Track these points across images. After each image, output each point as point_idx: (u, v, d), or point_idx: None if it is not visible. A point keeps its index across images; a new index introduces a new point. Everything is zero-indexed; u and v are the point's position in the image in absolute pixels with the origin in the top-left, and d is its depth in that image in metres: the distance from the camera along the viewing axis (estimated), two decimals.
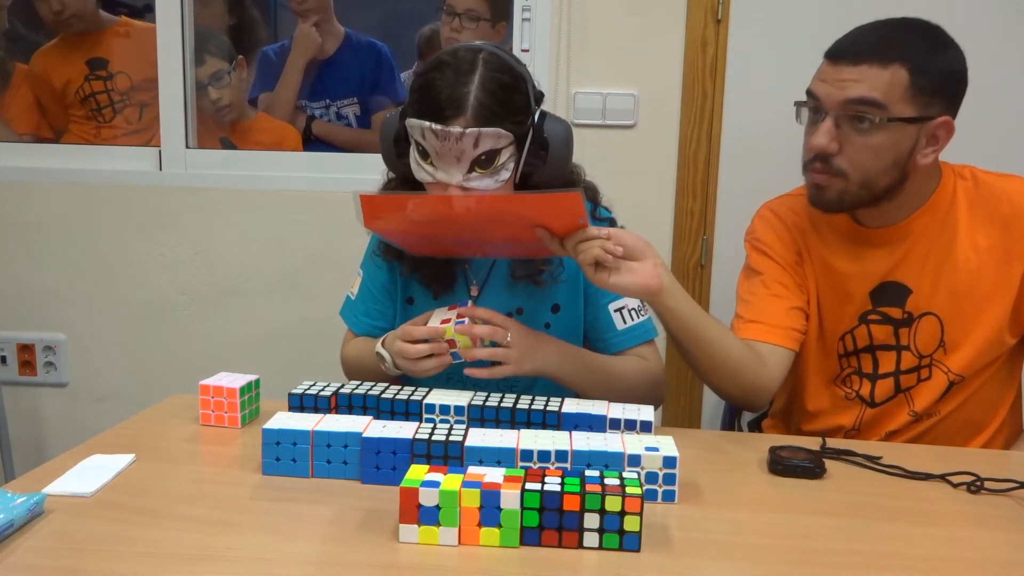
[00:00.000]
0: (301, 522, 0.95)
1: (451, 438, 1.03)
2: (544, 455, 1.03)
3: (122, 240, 2.36)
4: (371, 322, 1.47)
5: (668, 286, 1.21)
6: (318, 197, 2.29)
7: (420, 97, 1.24)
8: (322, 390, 1.21)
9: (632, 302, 1.38)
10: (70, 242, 2.38)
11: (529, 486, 0.90)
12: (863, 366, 1.40)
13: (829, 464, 1.14)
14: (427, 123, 1.22)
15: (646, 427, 1.14)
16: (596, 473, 0.94)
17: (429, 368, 1.23)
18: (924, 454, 1.21)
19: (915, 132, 1.25)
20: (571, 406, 1.17)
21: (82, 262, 2.38)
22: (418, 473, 0.92)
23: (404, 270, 1.41)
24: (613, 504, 0.89)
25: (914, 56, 1.23)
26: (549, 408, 1.16)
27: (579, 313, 1.40)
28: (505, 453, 1.02)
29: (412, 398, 1.19)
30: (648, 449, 1.02)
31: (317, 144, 2.54)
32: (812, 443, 1.19)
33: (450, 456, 1.02)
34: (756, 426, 1.65)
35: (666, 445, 1.04)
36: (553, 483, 0.90)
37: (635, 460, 1.01)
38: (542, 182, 1.28)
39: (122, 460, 1.09)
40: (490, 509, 0.89)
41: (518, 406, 1.17)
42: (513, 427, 1.16)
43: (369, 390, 1.21)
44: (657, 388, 1.38)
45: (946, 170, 1.34)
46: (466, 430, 1.07)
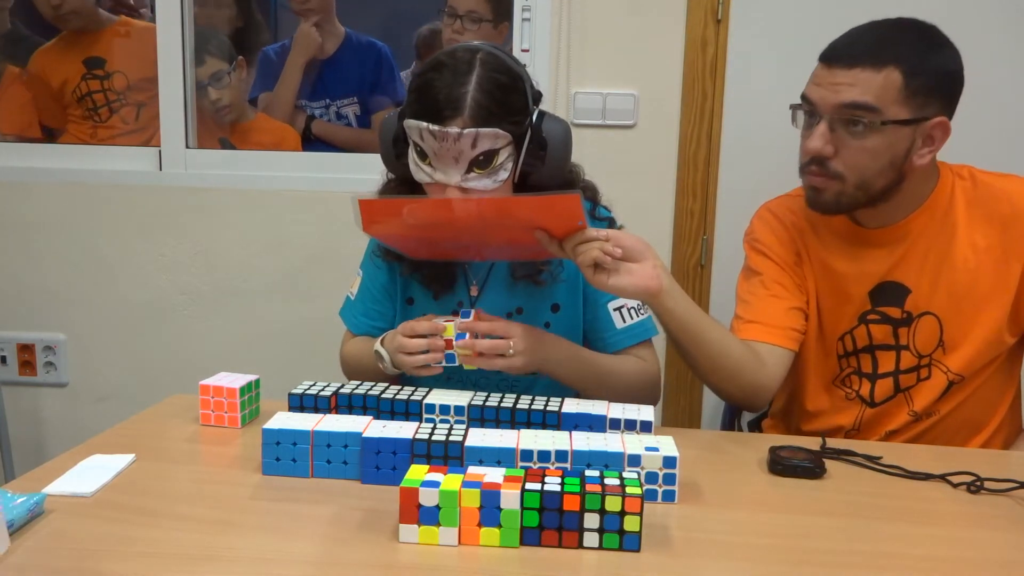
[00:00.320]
0: (301, 522, 0.95)
1: (451, 438, 1.03)
2: (544, 455, 1.03)
3: (122, 240, 2.36)
4: (370, 322, 1.47)
5: (667, 287, 1.21)
6: (318, 197, 2.29)
7: (418, 98, 1.24)
8: (322, 390, 1.21)
9: (631, 301, 1.38)
10: (70, 242, 2.38)
11: (529, 486, 0.90)
12: (862, 366, 1.40)
13: (829, 464, 1.14)
14: (425, 124, 1.22)
15: (646, 427, 1.14)
16: (596, 473, 0.94)
17: (420, 362, 1.22)
18: (924, 454, 1.21)
19: (910, 133, 1.25)
20: (571, 406, 1.17)
21: (82, 262, 2.38)
22: (418, 473, 0.92)
23: (404, 270, 1.41)
24: (613, 504, 0.89)
25: (908, 57, 1.23)
26: (549, 408, 1.16)
27: (578, 312, 1.40)
28: (505, 453, 1.02)
29: (412, 398, 1.19)
30: (648, 449, 1.02)
31: (317, 144, 2.54)
32: (812, 443, 1.20)
33: (450, 456, 1.02)
34: (756, 426, 1.65)
35: (666, 445, 1.04)
36: (553, 483, 0.90)
37: (635, 460, 1.01)
38: (541, 182, 1.28)
39: (122, 460, 1.10)
40: (490, 509, 0.89)
41: (518, 406, 1.17)
42: (513, 427, 1.16)
43: (369, 390, 1.21)
44: (654, 388, 1.39)
45: (944, 170, 1.35)
46: (466, 430, 1.07)
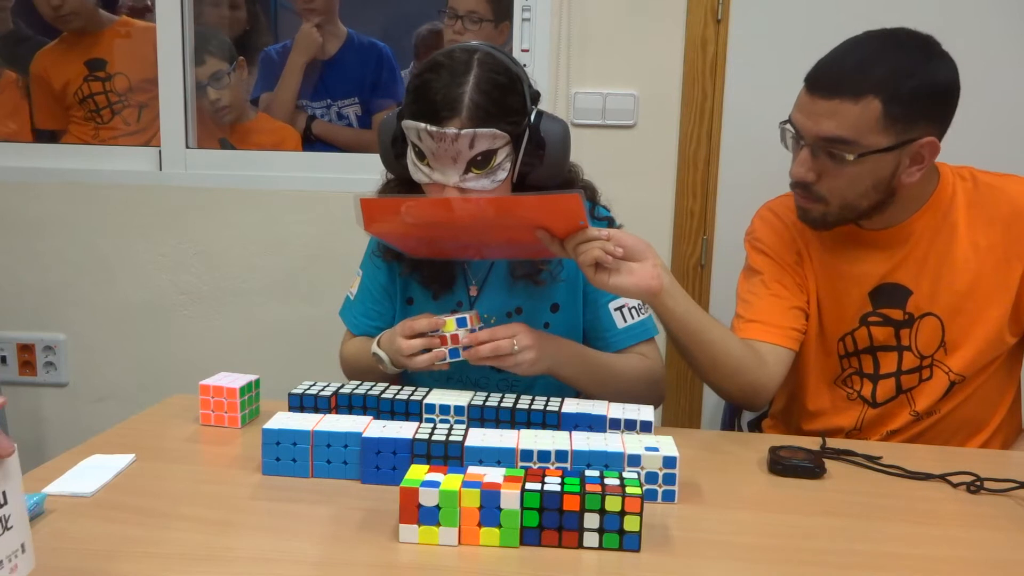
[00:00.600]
0: (301, 522, 0.95)
1: (451, 438, 1.03)
2: (544, 455, 1.03)
3: (122, 240, 2.36)
4: (370, 322, 1.47)
5: (668, 287, 1.21)
6: (318, 197, 2.29)
7: (416, 98, 1.24)
8: (322, 390, 1.21)
9: (632, 301, 1.38)
10: (70, 242, 2.37)
11: (529, 486, 0.90)
12: (864, 366, 1.40)
13: (829, 464, 1.14)
14: (423, 124, 1.21)
15: (646, 427, 1.14)
16: (596, 473, 0.94)
17: (423, 362, 1.22)
18: (924, 454, 1.21)
19: (894, 157, 1.24)
20: (571, 406, 1.17)
21: (82, 262, 2.38)
22: (418, 473, 0.92)
23: (403, 270, 1.41)
24: (613, 504, 0.89)
25: (888, 84, 1.20)
26: (549, 408, 1.16)
27: (578, 312, 1.40)
28: (505, 453, 1.02)
29: (412, 398, 1.19)
30: (648, 449, 1.02)
31: (317, 144, 2.54)
32: (812, 443, 1.20)
33: (450, 456, 1.02)
34: (756, 426, 1.65)
35: (666, 445, 1.04)
36: (553, 483, 0.90)
37: (635, 460, 1.01)
38: (539, 182, 1.28)
39: (122, 460, 1.10)
40: (490, 509, 0.89)
41: (518, 406, 1.17)
42: (513, 427, 1.16)
43: (369, 390, 1.21)
44: (657, 386, 1.38)
45: (945, 171, 1.34)
46: (466, 430, 1.07)
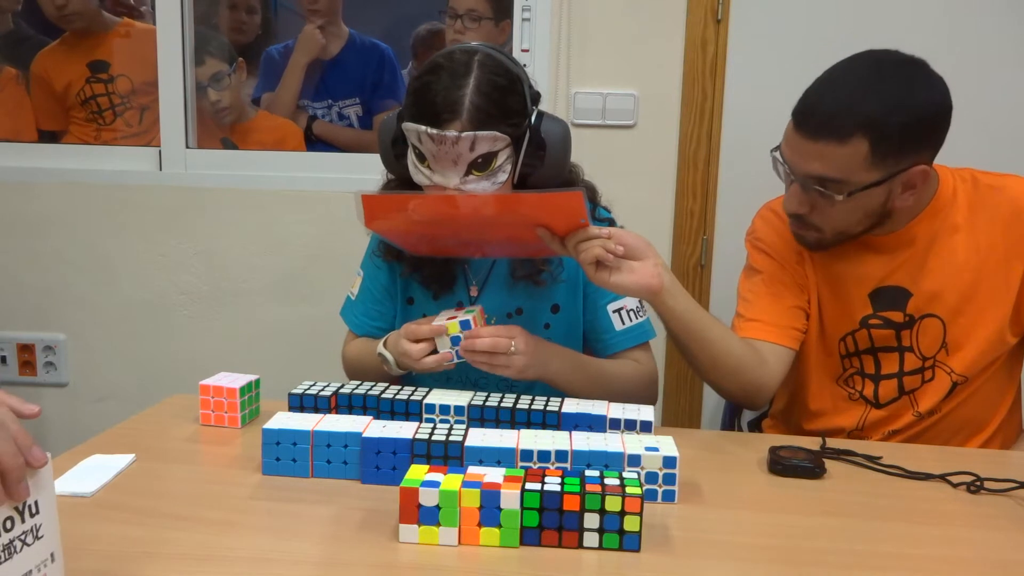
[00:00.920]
0: (301, 522, 0.95)
1: (451, 438, 1.03)
2: (544, 455, 1.03)
3: (122, 240, 2.36)
4: (371, 323, 1.47)
5: (669, 286, 1.21)
6: (318, 197, 2.29)
7: (415, 101, 1.24)
8: (322, 390, 1.21)
9: (631, 303, 1.38)
10: (70, 242, 2.37)
11: (529, 486, 0.90)
12: (865, 367, 1.39)
13: (829, 464, 1.14)
14: (423, 127, 1.21)
15: (646, 427, 1.14)
16: (596, 473, 0.94)
17: (430, 364, 1.23)
18: (924, 454, 1.21)
19: (885, 188, 1.24)
20: (571, 406, 1.17)
21: (82, 262, 2.38)
22: (418, 473, 0.92)
23: (404, 270, 1.41)
24: (613, 504, 0.89)
25: (875, 123, 1.19)
26: (549, 408, 1.16)
27: (579, 313, 1.40)
28: (505, 453, 1.02)
29: (412, 398, 1.19)
30: (648, 449, 1.02)
31: (318, 144, 2.54)
32: (812, 443, 1.20)
33: (450, 456, 1.02)
34: (756, 426, 1.65)
35: (666, 445, 1.04)
36: (553, 483, 0.90)
37: (635, 460, 1.01)
38: (540, 183, 1.28)
39: (122, 460, 1.10)
40: (490, 509, 0.89)
41: (518, 406, 1.17)
42: (513, 427, 1.16)
43: (369, 390, 1.21)
44: (650, 390, 1.39)
45: (944, 173, 1.34)
46: (466, 430, 1.07)
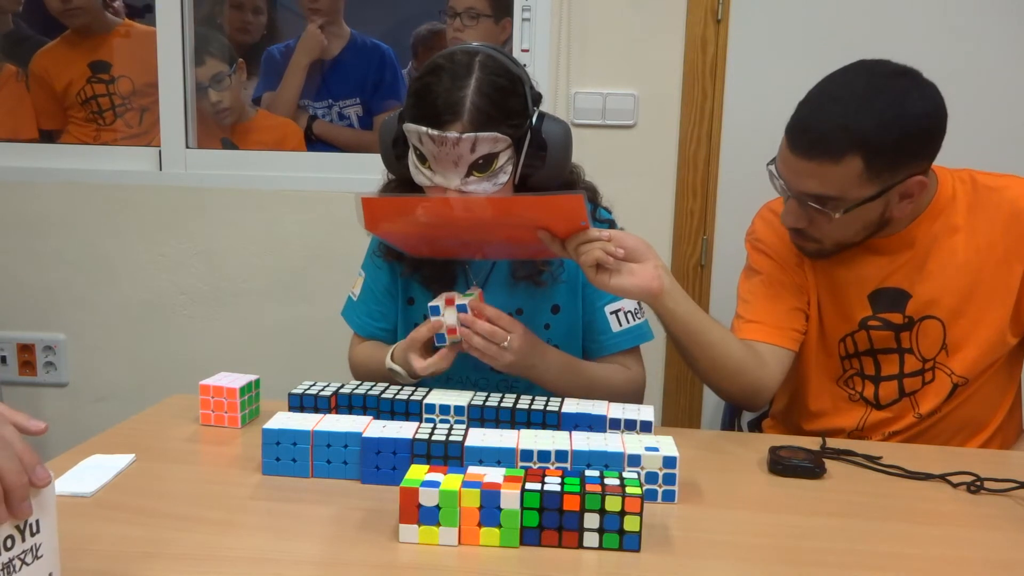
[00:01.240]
0: (301, 522, 0.95)
1: (451, 438, 1.03)
2: (544, 455, 1.03)
3: (122, 240, 2.36)
4: (375, 323, 1.47)
5: (668, 288, 1.21)
6: (318, 197, 2.29)
7: (416, 102, 1.23)
8: (322, 390, 1.21)
9: (628, 304, 1.38)
10: (70, 242, 2.37)
11: (529, 486, 0.90)
12: (865, 368, 1.39)
13: (829, 464, 1.14)
14: (424, 128, 1.21)
15: (646, 427, 1.14)
16: (596, 473, 0.94)
17: (430, 368, 1.24)
18: (924, 454, 1.21)
19: (882, 202, 1.25)
20: (571, 406, 1.17)
21: (82, 262, 2.38)
22: (418, 473, 0.92)
23: (404, 270, 1.41)
24: (613, 504, 0.89)
25: (868, 140, 1.18)
26: (549, 408, 1.16)
27: (578, 313, 1.40)
28: (505, 453, 1.02)
29: (412, 398, 1.19)
30: (648, 449, 1.02)
31: (318, 144, 2.54)
32: (812, 443, 1.20)
33: (450, 456, 1.02)
34: (756, 426, 1.65)
35: (666, 445, 1.04)
36: (553, 483, 0.90)
37: (635, 460, 1.01)
38: (541, 183, 1.28)
39: (122, 460, 1.10)
40: (490, 509, 0.89)
41: (518, 406, 1.17)
42: (513, 427, 1.16)
43: (369, 390, 1.21)
44: (636, 397, 1.40)
45: (944, 175, 1.34)
46: (466, 430, 1.07)
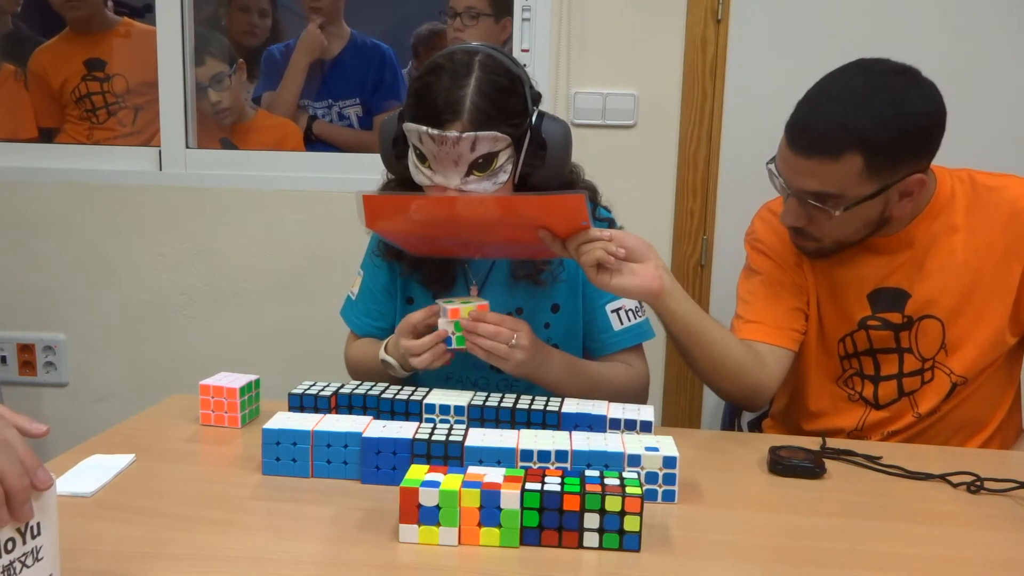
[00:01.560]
0: (301, 522, 0.95)
1: (451, 438, 1.03)
2: (544, 455, 1.03)
3: (122, 240, 2.36)
4: (372, 322, 1.47)
5: (669, 288, 1.21)
6: (318, 197, 2.29)
7: (416, 101, 1.24)
8: (322, 390, 1.21)
9: (629, 303, 1.38)
10: (70, 242, 2.37)
11: (529, 486, 0.90)
12: (864, 368, 1.39)
13: (829, 464, 1.14)
14: (424, 127, 1.21)
15: (646, 427, 1.14)
16: (596, 473, 0.94)
17: (424, 362, 1.23)
18: (924, 454, 1.21)
19: (882, 200, 1.25)
20: (571, 406, 1.17)
21: (82, 262, 2.38)
22: (418, 473, 0.92)
23: (404, 270, 1.41)
24: (613, 504, 0.89)
25: (867, 138, 1.18)
26: (549, 408, 1.16)
27: (578, 313, 1.40)
28: (505, 453, 1.02)
29: (412, 398, 1.19)
30: (648, 449, 1.02)
31: (318, 144, 2.54)
32: (812, 443, 1.20)
33: (450, 456, 1.02)
34: (756, 426, 1.65)
35: (666, 445, 1.04)
36: (553, 483, 0.90)
37: (635, 460, 1.01)
38: (541, 183, 1.28)
39: (122, 460, 1.10)
40: (490, 509, 0.89)
41: (518, 406, 1.17)
42: (513, 427, 1.16)
43: (369, 390, 1.21)
44: (641, 395, 1.40)
45: (942, 175, 1.34)
46: (466, 430, 1.07)
